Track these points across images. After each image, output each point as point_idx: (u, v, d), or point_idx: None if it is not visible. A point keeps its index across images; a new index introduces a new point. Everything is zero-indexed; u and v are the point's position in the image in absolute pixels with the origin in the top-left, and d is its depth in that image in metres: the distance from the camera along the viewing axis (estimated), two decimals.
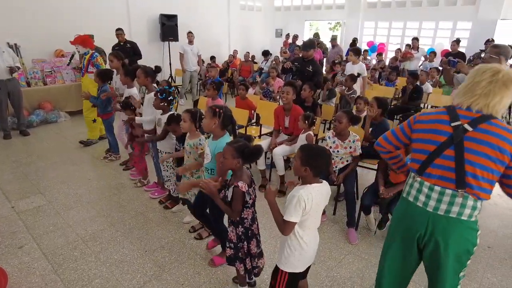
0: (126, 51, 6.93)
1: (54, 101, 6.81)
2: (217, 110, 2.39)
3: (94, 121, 5.29)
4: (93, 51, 5.24)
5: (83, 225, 3.23)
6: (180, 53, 8.22)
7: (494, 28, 8.61)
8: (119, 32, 7.17)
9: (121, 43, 7.19)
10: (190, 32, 8.27)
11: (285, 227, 1.76)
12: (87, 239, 3.02)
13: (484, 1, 8.74)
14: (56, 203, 3.62)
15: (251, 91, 6.39)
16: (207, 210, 2.68)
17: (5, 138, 5.69)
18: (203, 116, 2.61)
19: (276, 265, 1.93)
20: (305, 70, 4.92)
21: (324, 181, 1.86)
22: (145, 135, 3.65)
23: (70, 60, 6.50)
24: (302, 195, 1.71)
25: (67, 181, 4.16)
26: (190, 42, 8.16)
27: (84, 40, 5.22)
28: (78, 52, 5.41)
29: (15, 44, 6.88)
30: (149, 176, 4.11)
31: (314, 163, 1.75)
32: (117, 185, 4.09)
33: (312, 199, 1.73)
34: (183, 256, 2.81)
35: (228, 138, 2.44)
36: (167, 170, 3.47)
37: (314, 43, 5.17)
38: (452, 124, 1.54)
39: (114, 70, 4.52)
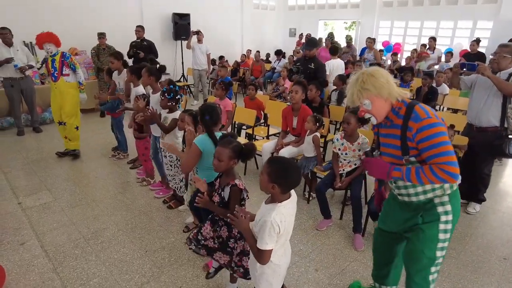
0: (143, 49, 6.97)
1: None
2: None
3: (77, 128, 4.77)
4: (62, 51, 4.54)
5: (86, 223, 3.23)
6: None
7: None
8: (139, 29, 7.14)
9: (138, 40, 7.20)
10: (199, 31, 8.21)
11: (262, 256, 1.58)
12: (89, 237, 3.01)
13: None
14: (62, 200, 3.63)
15: (259, 92, 6.33)
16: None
17: (19, 134, 5.80)
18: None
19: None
20: (307, 68, 4.84)
21: (293, 193, 1.68)
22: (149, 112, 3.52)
23: (42, 64, 4.94)
24: (275, 219, 1.54)
25: (74, 178, 4.18)
26: (199, 40, 8.09)
27: (57, 39, 4.44)
28: (51, 52, 4.38)
29: (31, 43, 6.99)
30: (155, 177, 4.08)
31: (283, 181, 1.55)
32: (123, 184, 4.09)
33: (284, 219, 1.58)
34: (183, 258, 2.77)
35: (205, 136, 2.41)
36: (171, 169, 3.43)
37: (317, 41, 5.11)
38: None
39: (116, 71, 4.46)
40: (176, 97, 3.22)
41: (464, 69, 3.34)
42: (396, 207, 1.91)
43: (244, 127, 5.18)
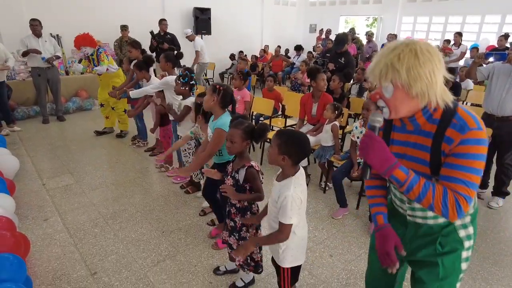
0: (166, 42, 7.09)
1: (90, 90, 7.09)
2: (217, 87, 2.37)
3: (125, 111, 5.21)
4: (98, 47, 5.05)
5: (106, 205, 3.32)
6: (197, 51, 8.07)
7: None
8: (165, 22, 7.27)
9: (162, 33, 7.32)
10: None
11: (285, 231, 1.57)
12: (108, 217, 3.10)
13: None
14: (83, 183, 3.75)
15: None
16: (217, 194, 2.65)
17: (44, 122, 6.01)
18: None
19: (277, 264, 1.81)
20: (337, 62, 4.80)
21: (300, 167, 1.66)
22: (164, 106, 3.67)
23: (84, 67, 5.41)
24: (296, 192, 1.55)
25: (94, 163, 4.31)
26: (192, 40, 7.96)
27: (91, 41, 4.98)
28: (87, 54, 4.97)
29: (57, 35, 7.24)
30: (173, 163, 4.15)
31: (294, 151, 1.54)
32: (142, 169, 4.17)
33: (302, 190, 1.58)
34: (198, 239, 2.81)
35: (227, 116, 2.38)
36: (189, 157, 3.48)
37: (345, 38, 5.03)
38: None
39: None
40: (191, 82, 3.26)
41: (491, 58, 3.24)
42: (399, 230, 1.39)
43: (261, 118, 5.18)
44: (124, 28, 7.20)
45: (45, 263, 2.45)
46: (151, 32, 7.01)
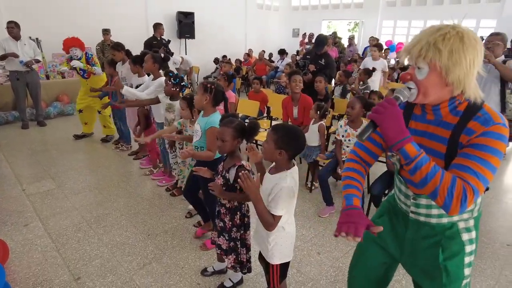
0: (165, 46, 7.07)
1: (71, 95, 6.94)
2: (209, 85, 2.35)
3: (110, 116, 5.15)
4: (86, 51, 5.02)
5: (89, 209, 3.24)
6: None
7: None
8: (161, 27, 7.20)
9: (159, 38, 7.23)
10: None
11: (273, 222, 1.57)
12: (92, 222, 3.02)
13: None
14: (65, 188, 3.65)
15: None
16: (199, 193, 2.64)
17: (23, 128, 5.85)
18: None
19: (266, 262, 1.80)
20: (318, 63, 4.87)
21: (294, 162, 1.67)
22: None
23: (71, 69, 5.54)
24: (291, 184, 1.56)
25: (77, 168, 4.21)
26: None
27: (81, 43, 4.93)
28: (76, 56, 4.83)
29: (37, 39, 7.09)
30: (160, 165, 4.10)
31: (290, 145, 1.55)
32: (126, 173, 4.10)
33: (296, 184, 1.59)
34: (185, 241, 2.77)
35: (219, 115, 2.36)
36: (175, 158, 3.44)
37: (325, 40, 5.12)
38: None
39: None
40: (181, 84, 3.24)
41: None
42: (400, 230, 1.36)
43: (247, 120, 5.19)
44: (106, 31, 7.11)
45: (25, 269, 2.37)
46: (154, 44, 6.94)
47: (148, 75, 4.18)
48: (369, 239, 1.41)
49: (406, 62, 1.11)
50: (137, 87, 3.85)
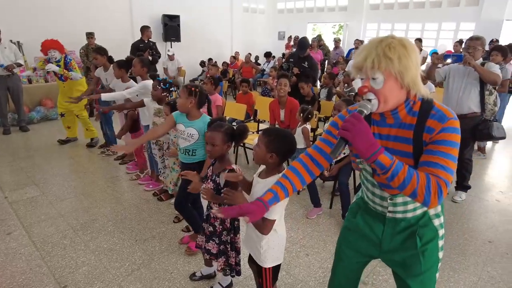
0: (152, 49, 7.02)
1: (55, 99, 6.79)
2: (193, 89, 2.33)
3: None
4: (65, 55, 4.87)
5: (75, 215, 3.19)
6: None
7: (499, 28, 8.52)
8: (148, 30, 7.15)
9: (146, 41, 7.17)
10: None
11: (268, 226, 1.58)
12: (78, 228, 2.98)
13: (487, 2, 8.68)
14: (50, 194, 3.59)
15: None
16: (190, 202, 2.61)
17: (5, 133, 5.70)
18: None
19: (259, 265, 1.79)
20: (301, 66, 4.94)
21: (285, 166, 1.69)
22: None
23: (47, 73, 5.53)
24: None
25: (62, 174, 4.13)
26: (171, 59, 8.25)
27: (60, 46, 4.81)
28: (55, 58, 4.72)
29: (18, 42, 6.94)
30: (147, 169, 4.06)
31: (282, 148, 1.56)
32: (112, 178, 4.05)
33: None
34: (173, 246, 2.76)
35: (207, 117, 2.38)
36: (163, 162, 3.42)
37: (307, 43, 5.22)
38: None
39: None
40: (170, 89, 3.23)
41: (449, 59, 3.44)
42: (378, 228, 1.42)
43: (234, 123, 5.20)
44: (90, 35, 6.99)
45: (8, 279, 2.32)
46: (141, 47, 6.89)
47: (134, 79, 4.16)
48: (344, 245, 1.56)
49: (358, 77, 1.20)
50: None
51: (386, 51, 1.11)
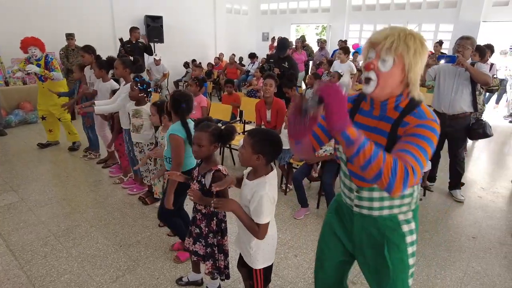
0: (138, 49, 6.94)
1: (34, 102, 6.59)
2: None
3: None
4: (46, 54, 4.74)
5: (57, 221, 3.08)
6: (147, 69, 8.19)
7: (476, 30, 8.74)
8: (136, 31, 7.07)
9: (133, 42, 7.04)
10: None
11: (262, 231, 1.58)
12: (59, 235, 2.88)
13: (464, 4, 8.90)
14: (29, 200, 3.46)
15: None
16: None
17: None
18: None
19: (248, 269, 1.77)
20: (281, 66, 4.97)
21: (273, 166, 1.68)
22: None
23: (28, 74, 5.11)
24: (270, 190, 1.55)
25: (42, 179, 4.00)
26: (157, 64, 8.17)
27: (41, 44, 4.66)
28: (35, 56, 4.56)
29: None
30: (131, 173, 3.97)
31: (268, 149, 1.54)
32: (95, 182, 3.94)
33: (275, 190, 1.60)
34: (159, 251, 2.69)
35: (177, 124, 2.30)
36: (145, 165, 3.34)
37: (287, 43, 5.26)
38: None
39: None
40: (148, 90, 3.17)
41: (442, 61, 3.47)
42: (347, 224, 1.46)
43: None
44: (70, 36, 6.82)
45: None
46: (121, 40, 6.73)
47: (116, 80, 4.07)
48: (323, 243, 1.59)
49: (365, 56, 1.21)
50: (114, 92, 3.75)
51: (408, 39, 1.12)
